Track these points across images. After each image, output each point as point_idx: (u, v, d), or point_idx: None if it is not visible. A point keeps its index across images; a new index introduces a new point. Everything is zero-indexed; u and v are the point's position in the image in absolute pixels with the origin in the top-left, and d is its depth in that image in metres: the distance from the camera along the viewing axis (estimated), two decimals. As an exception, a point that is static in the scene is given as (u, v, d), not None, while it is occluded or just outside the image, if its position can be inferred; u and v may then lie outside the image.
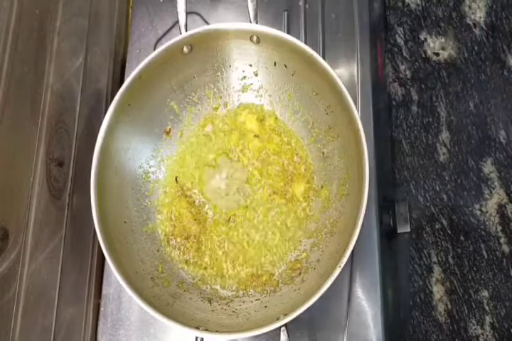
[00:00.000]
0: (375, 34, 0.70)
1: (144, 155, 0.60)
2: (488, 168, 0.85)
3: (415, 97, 0.88)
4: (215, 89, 0.62)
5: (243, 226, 0.60)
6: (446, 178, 0.85)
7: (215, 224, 0.60)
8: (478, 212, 0.83)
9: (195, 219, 0.61)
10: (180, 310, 0.52)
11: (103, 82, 0.68)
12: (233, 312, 0.54)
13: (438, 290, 0.81)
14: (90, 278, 0.62)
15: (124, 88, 0.54)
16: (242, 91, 0.62)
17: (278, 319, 0.47)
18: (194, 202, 0.61)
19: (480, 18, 0.89)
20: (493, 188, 0.84)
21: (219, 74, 0.61)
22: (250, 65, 0.60)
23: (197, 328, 0.48)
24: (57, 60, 0.55)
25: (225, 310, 0.54)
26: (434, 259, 0.82)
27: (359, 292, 0.59)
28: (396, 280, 0.79)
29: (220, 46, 0.57)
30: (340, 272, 0.46)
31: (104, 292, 0.62)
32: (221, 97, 0.63)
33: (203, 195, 0.61)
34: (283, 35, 0.53)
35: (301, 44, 0.53)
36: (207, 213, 0.61)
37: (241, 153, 0.62)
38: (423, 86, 0.88)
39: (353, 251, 0.47)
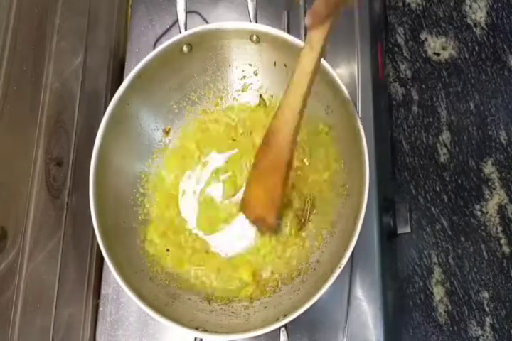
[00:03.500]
0: (376, 34, 0.70)
1: (143, 154, 0.60)
2: (489, 168, 0.85)
3: (416, 97, 0.88)
4: (215, 89, 0.62)
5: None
6: (447, 179, 0.85)
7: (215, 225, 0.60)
8: (479, 213, 0.83)
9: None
10: (179, 310, 0.52)
11: (102, 81, 0.68)
12: (232, 312, 0.54)
13: (438, 291, 0.81)
14: (89, 278, 0.62)
15: (123, 87, 0.54)
16: (242, 91, 0.62)
17: (278, 320, 0.47)
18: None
19: (481, 17, 0.89)
20: (494, 189, 0.84)
21: (218, 73, 0.61)
22: (250, 65, 0.60)
23: (196, 329, 0.48)
24: (56, 59, 0.55)
25: (225, 310, 0.54)
26: (435, 260, 0.82)
27: (359, 293, 0.59)
28: (396, 281, 0.79)
29: (220, 45, 0.57)
30: (340, 273, 0.46)
31: (103, 292, 0.62)
32: (221, 97, 0.62)
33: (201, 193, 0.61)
34: (283, 34, 0.53)
35: (302, 44, 0.52)
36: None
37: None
38: (423, 86, 0.88)
39: (353, 251, 0.47)
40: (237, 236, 0.59)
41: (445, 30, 0.89)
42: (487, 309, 0.79)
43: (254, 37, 0.55)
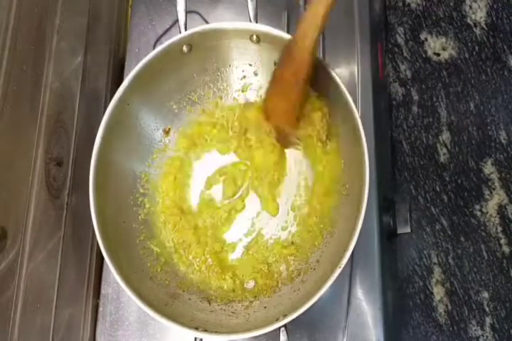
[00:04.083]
0: (376, 34, 0.70)
1: (143, 154, 0.60)
2: (489, 168, 0.85)
3: (416, 97, 0.88)
4: (215, 89, 0.62)
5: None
6: (447, 179, 0.85)
7: (216, 225, 0.60)
8: (479, 213, 0.83)
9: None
10: (179, 310, 0.52)
11: (102, 81, 0.68)
12: (232, 312, 0.54)
13: (438, 291, 0.81)
14: (89, 278, 0.62)
15: (123, 87, 0.54)
16: (242, 91, 0.62)
17: (277, 320, 0.47)
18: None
19: (481, 17, 0.89)
20: (494, 189, 0.84)
21: (218, 73, 0.61)
22: (250, 65, 0.60)
23: (196, 329, 0.48)
24: (56, 59, 0.55)
25: (225, 310, 0.54)
26: (435, 260, 0.82)
27: (359, 293, 0.59)
28: (396, 281, 0.79)
29: (220, 45, 0.57)
30: (340, 273, 0.46)
31: (103, 292, 0.62)
32: (221, 97, 0.62)
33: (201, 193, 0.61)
34: (283, 34, 0.53)
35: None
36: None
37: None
38: (423, 86, 0.88)
39: (352, 251, 0.47)
40: (237, 236, 0.59)
41: (445, 30, 0.89)
42: (487, 309, 0.79)
43: (254, 37, 0.55)
